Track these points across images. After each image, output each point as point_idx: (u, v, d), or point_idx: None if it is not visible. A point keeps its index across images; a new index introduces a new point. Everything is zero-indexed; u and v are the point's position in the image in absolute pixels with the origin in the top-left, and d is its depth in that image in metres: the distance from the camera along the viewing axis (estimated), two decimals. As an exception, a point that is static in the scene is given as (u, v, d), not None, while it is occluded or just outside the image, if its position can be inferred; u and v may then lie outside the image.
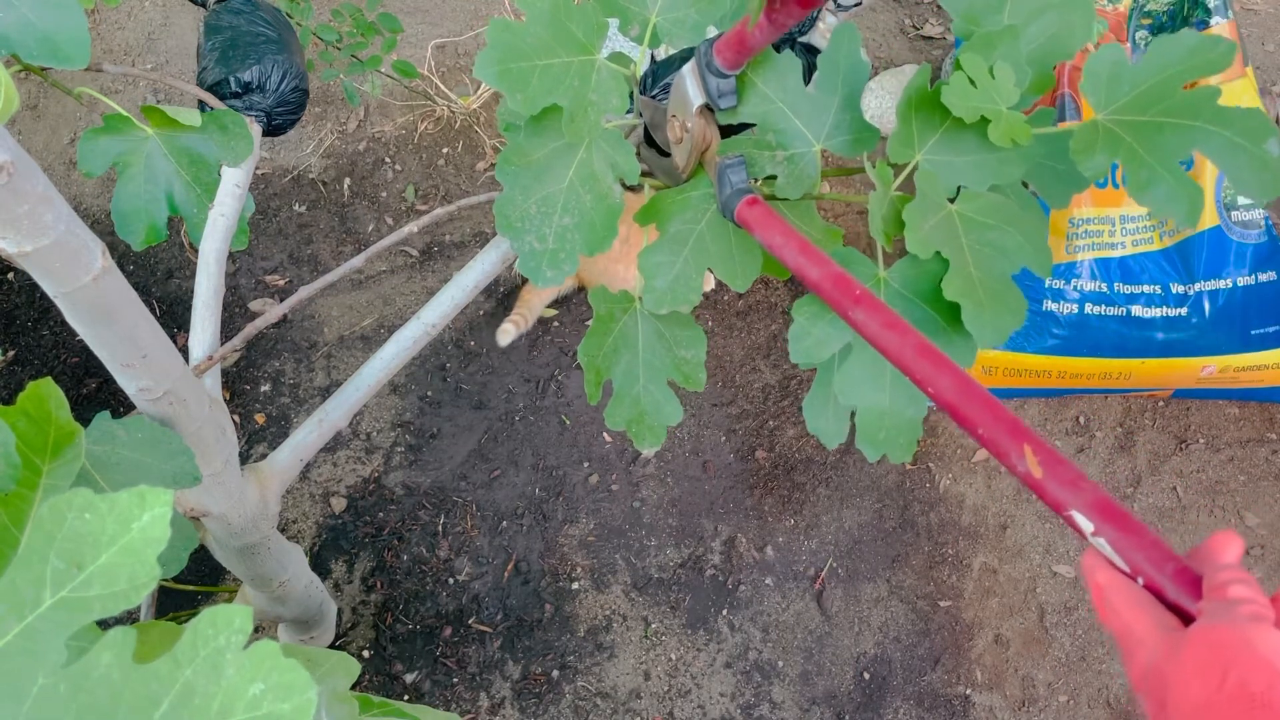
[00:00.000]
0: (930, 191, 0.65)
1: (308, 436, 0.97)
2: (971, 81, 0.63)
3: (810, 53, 0.72)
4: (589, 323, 0.82)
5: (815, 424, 0.73)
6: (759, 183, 0.72)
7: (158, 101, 1.87)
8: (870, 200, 0.65)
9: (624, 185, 0.74)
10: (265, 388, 1.69)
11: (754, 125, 0.70)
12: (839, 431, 0.73)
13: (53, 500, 0.35)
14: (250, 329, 0.82)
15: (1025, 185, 0.71)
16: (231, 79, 0.94)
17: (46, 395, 0.53)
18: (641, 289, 0.75)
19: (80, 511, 0.35)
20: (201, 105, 0.96)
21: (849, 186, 1.89)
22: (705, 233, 0.73)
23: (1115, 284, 1.50)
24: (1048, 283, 1.52)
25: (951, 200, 0.67)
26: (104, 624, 0.38)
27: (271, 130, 1.00)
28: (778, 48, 0.69)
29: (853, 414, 0.71)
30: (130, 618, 1.32)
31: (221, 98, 0.96)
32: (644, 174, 0.80)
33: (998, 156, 0.66)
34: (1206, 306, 1.48)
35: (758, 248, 0.72)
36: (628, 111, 0.74)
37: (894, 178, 0.68)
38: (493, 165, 1.87)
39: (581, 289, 1.77)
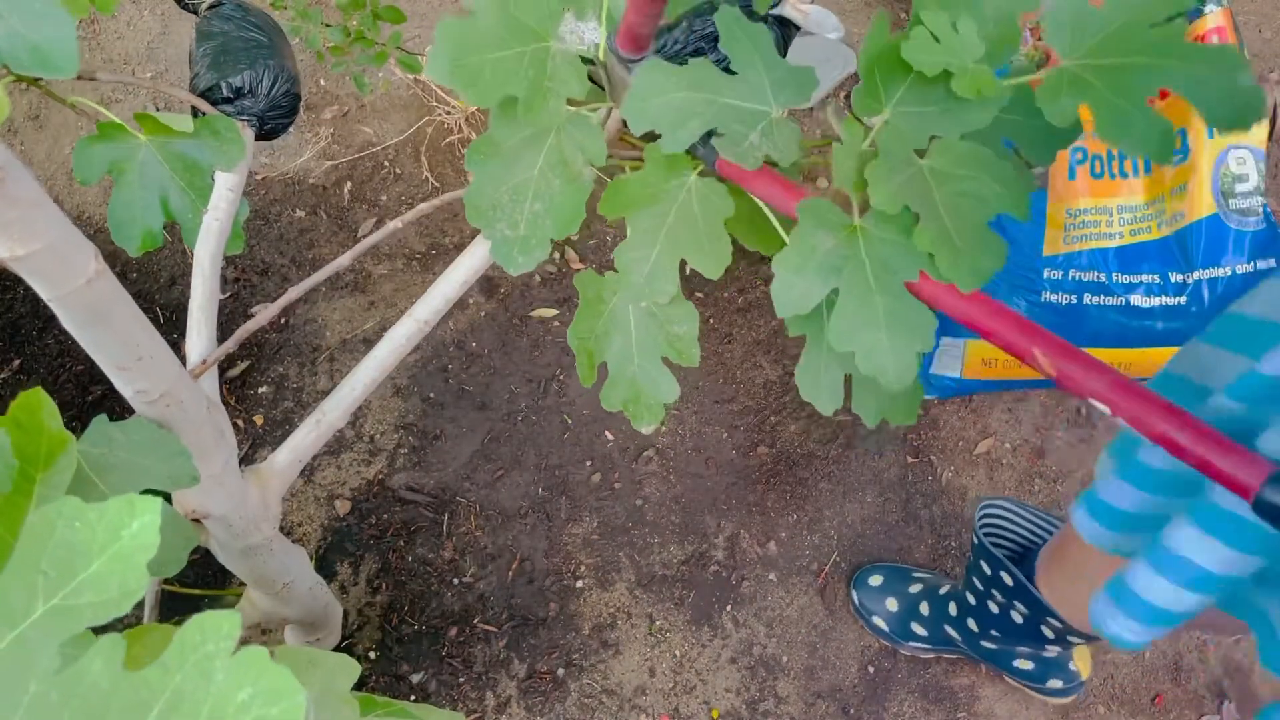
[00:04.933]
0: (895, 149, 0.65)
1: (306, 437, 0.97)
2: (934, 37, 0.62)
3: (783, 25, 0.72)
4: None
5: (809, 390, 0.72)
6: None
7: (158, 109, 1.88)
8: (835, 152, 0.65)
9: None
10: (269, 392, 1.70)
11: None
12: (834, 397, 0.72)
13: (43, 509, 0.35)
14: (242, 331, 0.82)
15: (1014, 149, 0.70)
16: (223, 84, 0.95)
17: (38, 404, 0.54)
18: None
19: (70, 520, 0.35)
20: (195, 111, 0.96)
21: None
22: (675, 224, 0.73)
23: (1114, 274, 1.50)
24: (1045, 274, 1.52)
25: (922, 154, 0.66)
26: (96, 631, 0.39)
27: (264, 135, 1.00)
28: (751, 19, 0.69)
29: (848, 379, 0.71)
30: (136, 620, 1.33)
31: (214, 103, 0.96)
32: (624, 157, 0.80)
33: (967, 103, 0.65)
34: (1206, 295, 1.48)
35: (726, 235, 0.73)
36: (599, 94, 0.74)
37: (864, 132, 0.67)
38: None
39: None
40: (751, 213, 0.74)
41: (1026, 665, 1.44)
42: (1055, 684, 1.45)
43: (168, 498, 0.88)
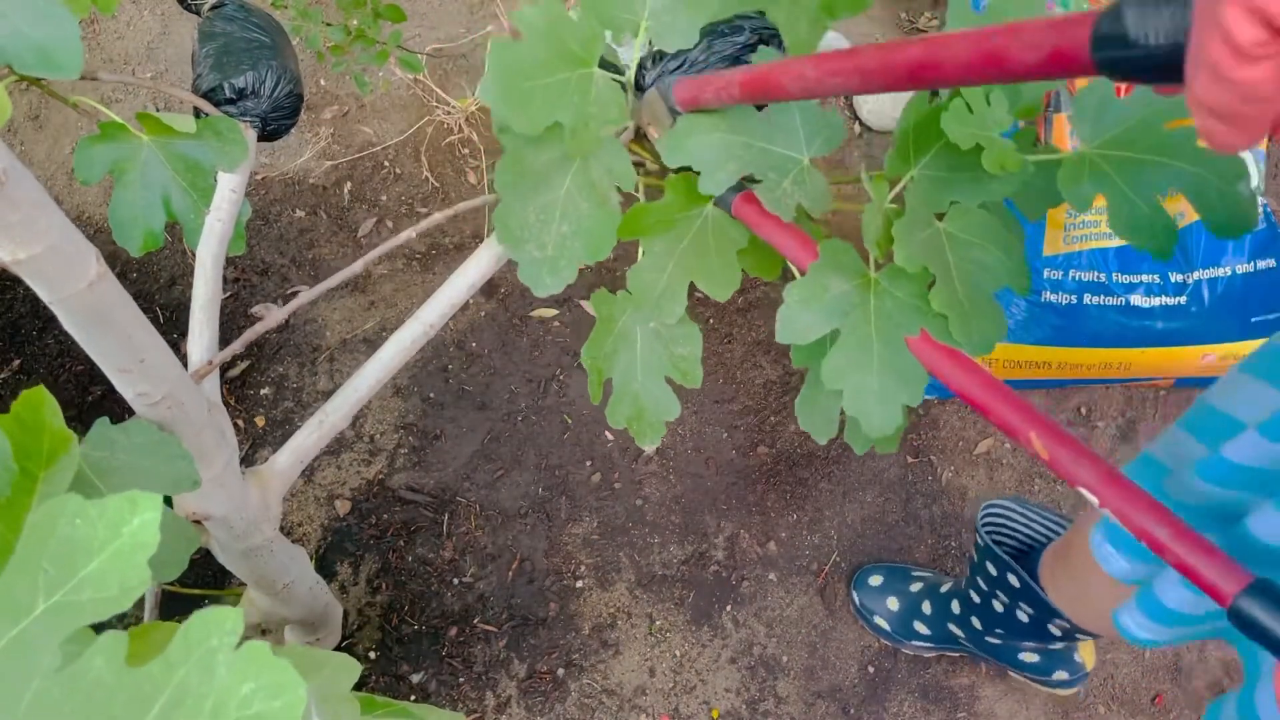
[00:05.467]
0: (919, 208, 0.67)
1: (308, 438, 0.97)
2: (969, 107, 0.65)
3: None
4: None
5: (806, 420, 0.75)
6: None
7: (158, 110, 1.88)
8: (865, 212, 0.67)
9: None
10: (269, 393, 1.70)
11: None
12: (829, 427, 0.75)
13: (45, 506, 0.35)
14: (249, 334, 0.82)
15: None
16: (225, 85, 0.95)
17: (40, 403, 0.54)
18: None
19: (71, 517, 0.35)
20: (197, 112, 0.96)
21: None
22: (688, 250, 0.75)
23: (1113, 274, 1.50)
24: (1045, 274, 1.52)
25: (940, 217, 0.69)
26: (98, 628, 0.39)
27: (266, 135, 1.00)
28: (781, 48, 0.71)
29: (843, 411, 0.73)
30: (137, 621, 1.33)
31: (216, 104, 0.96)
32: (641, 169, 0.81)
33: (990, 175, 0.68)
34: (1205, 295, 1.48)
35: (736, 264, 0.75)
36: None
37: (889, 191, 0.69)
38: (491, 167, 1.87)
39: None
40: (754, 239, 0.76)
41: (1032, 659, 1.44)
42: (1060, 675, 1.45)
43: (169, 500, 0.88)
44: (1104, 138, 0.68)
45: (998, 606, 1.33)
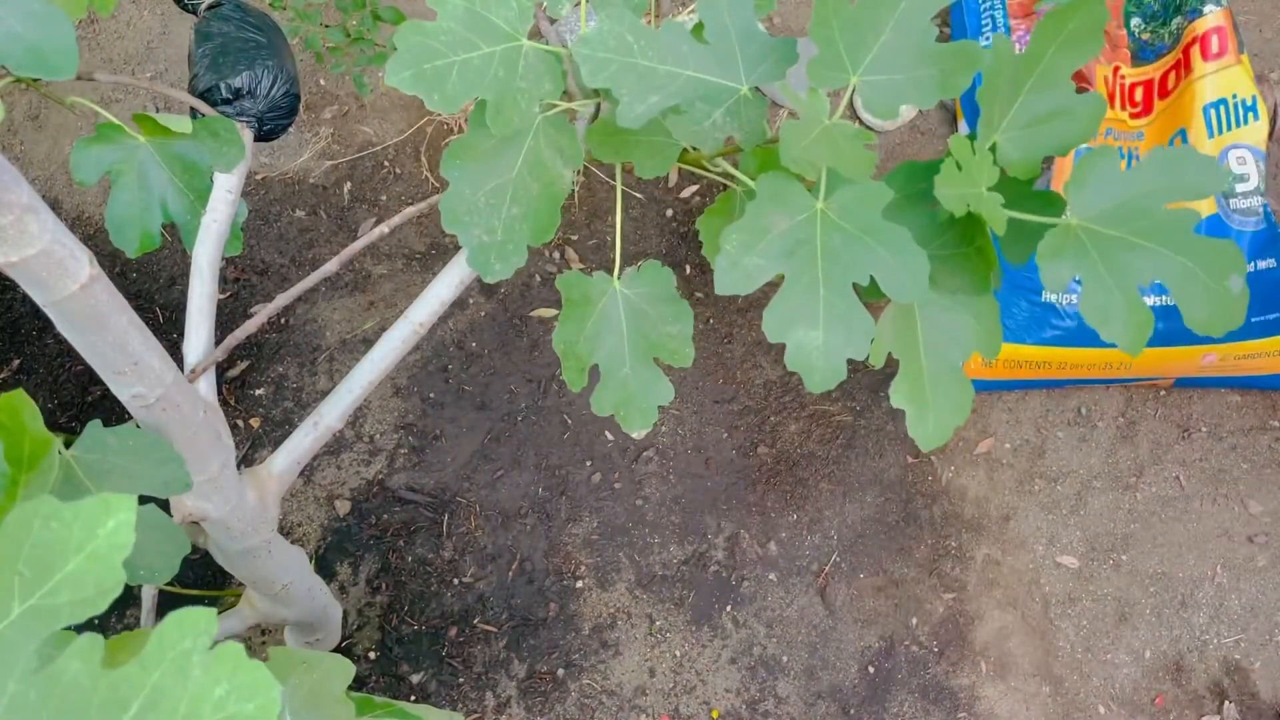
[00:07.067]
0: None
1: (303, 440, 0.97)
2: (958, 165, 0.61)
3: None
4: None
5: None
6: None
7: (157, 110, 1.88)
8: (783, 131, 0.61)
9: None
10: (269, 393, 1.70)
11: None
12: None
13: (19, 508, 0.35)
14: (230, 339, 0.82)
15: (989, 236, 0.68)
16: (222, 85, 0.95)
17: (19, 407, 0.54)
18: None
19: (46, 520, 0.35)
20: (194, 112, 0.96)
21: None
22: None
23: (1114, 274, 1.49)
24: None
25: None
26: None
27: (263, 136, 1.00)
28: None
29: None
30: (137, 621, 1.33)
31: (213, 104, 0.96)
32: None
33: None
34: (1206, 295, 1.48)
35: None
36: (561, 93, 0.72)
37: (829, 105, 0.64)
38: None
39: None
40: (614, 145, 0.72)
41: None
42: None
43: (165, 503, 0.88)
44: (1097, 210, 0.63)
45: None
